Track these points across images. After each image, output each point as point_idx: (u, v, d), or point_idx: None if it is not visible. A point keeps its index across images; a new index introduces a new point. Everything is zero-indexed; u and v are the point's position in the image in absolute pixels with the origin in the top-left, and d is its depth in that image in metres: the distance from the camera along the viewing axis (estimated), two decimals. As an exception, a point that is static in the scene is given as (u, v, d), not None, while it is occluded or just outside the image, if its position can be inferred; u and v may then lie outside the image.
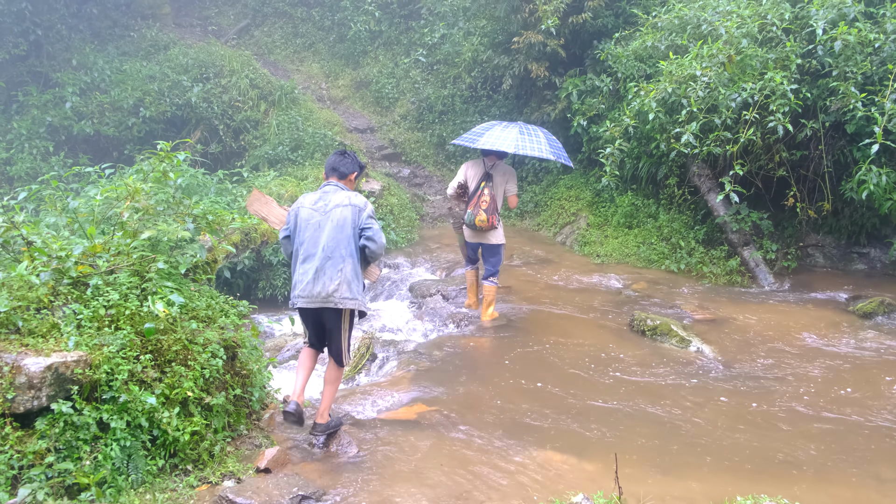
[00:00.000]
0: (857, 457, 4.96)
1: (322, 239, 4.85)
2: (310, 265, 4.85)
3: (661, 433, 5.32)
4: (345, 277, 4.83)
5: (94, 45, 15.34)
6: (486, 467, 4.70)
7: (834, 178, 8.93)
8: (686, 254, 9.68)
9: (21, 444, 3.78)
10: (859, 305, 7.88)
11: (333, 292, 4.82)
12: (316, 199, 5.01)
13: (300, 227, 4.96)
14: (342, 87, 16.77)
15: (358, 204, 4.95)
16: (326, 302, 4.84)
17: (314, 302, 4.86)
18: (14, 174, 12.79)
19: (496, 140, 7.42)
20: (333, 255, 4.83)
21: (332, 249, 4.83)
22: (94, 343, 4.24)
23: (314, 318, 5.05)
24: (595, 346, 7.10)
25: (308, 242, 4.89)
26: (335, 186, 5.08)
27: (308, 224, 4.92)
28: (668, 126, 9.28)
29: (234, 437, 4.88)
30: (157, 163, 5.95)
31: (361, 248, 4.95)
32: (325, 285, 4.81)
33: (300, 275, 4.89)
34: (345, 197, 4.96)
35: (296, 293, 4.91)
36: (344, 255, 4.85)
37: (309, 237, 4.90)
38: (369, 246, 4.91)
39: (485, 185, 7.49)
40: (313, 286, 4.83)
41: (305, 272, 4.86)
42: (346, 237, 4.86)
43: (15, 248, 5.01)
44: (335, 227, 4.86)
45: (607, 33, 11.69)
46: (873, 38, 8.07)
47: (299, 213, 5.00)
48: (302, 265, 4.90)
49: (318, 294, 4.83)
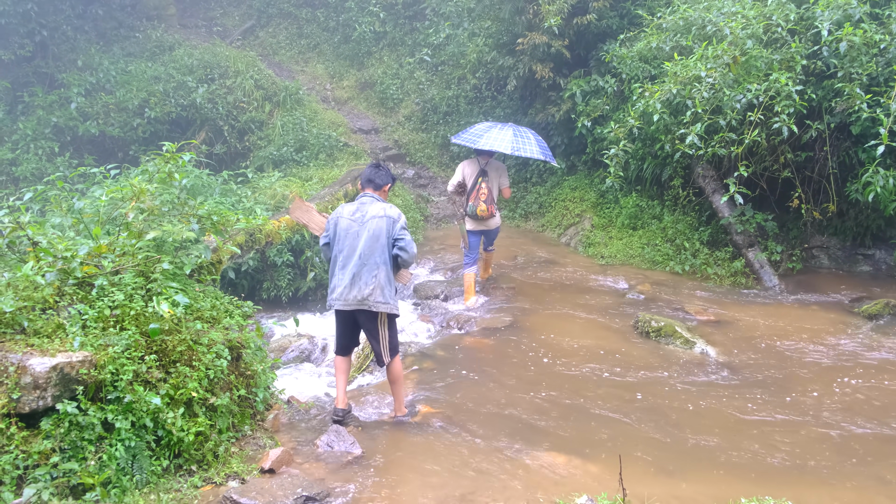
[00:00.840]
0: (862, 459, 4.95)
1: (358, 247, 5.26)
2: (347, 271, 5.25)
3: (665, 434, 5.32)
4: (378, 283, 5.23)
5: (100, 45, 15.38)
6: (490, 468, 4.70)
7: (839, 180, 8.91)
8: (691, 255, 9.67)
9: (26, 444, 3.79)
10: (864, 307, 7.86)
11: (368, 296, 5.22)
12: (354, 209, 5.41)
13: (339, 236, 5.36)
14: (347, 87, 16.78)
15: (392, 215, 5.36)
16: (361, 305, 5.24)
17: (350, 305, 5.27)
18: (20, 174, 12.83)
19: (494, 141, 8.26)
20: (368, 262, 5.23)
21: (367, 257, 5.23)
22: (99, 343, 4.25)
23: (350, 320, 5.45)
24: (599, 348, 7.09)
25: (346, 250, 5.30)
26: (371, 198, 5.48)
27: (347, 233, 5.32)
28: (673, 127, 9.27)
29: (238, 438, 4.89)
30: (162, 163, 5.96)
31: (394, 256, 5.35)
32: (361, 290, 5.21)
33: (338, 279, 5.31)
34: (380, 209, 5.36)
35: (333, 296, 5.33)
36: (378, 263, 5.24)
37: (347, 245, 5.30)
38: (402, 255, 5.33)
39: (481, 180, 8.42)
40: (349, 290, 5.24)
41: (343, 277, 5.27)
42: (380, 246, 5.27)
43: (20, 249, 5.02)
44: (371, 236, 5.26)
45: (612, 34, 11.68)
46: (879, 39, 8.06)
47: (338, 223, 5.39)
48: (340, 271, 5.31)
49: (353, 298, 5.23)
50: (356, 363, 7.02)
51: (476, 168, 8.52)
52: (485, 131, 8.47)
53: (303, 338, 7.79)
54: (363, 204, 5.44)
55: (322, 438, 4.96)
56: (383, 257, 5.28)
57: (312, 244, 10.53)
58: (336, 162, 13.27)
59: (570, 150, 12.50)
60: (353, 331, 5.57)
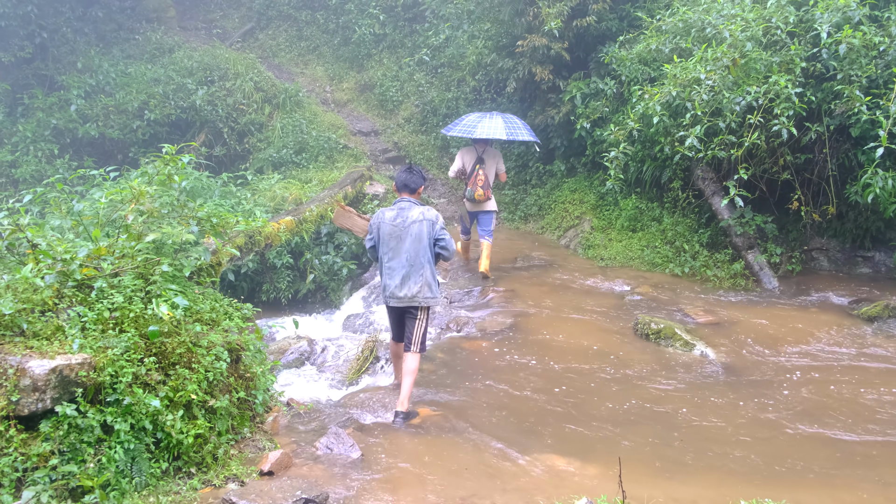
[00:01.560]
0: (862, 462, 4.94)
1: (403, 250, 5.79)
2: (397, 274, 5.81)
3: (664, 437, 5.31)
4: (426, 281, 5.82)
5: (100, 48, 15.39)
6: (489, 470, 4.70)
7: (839, 182, 8.91)
8: (690, 257, 9.67)
9: (25, 447, 3.78)
10: (864, 309, 7.86)
11: (417, 294, 5.80)
12: (394, 215, 5.88)
13: (383, 240, 5.88)
14: (346, 90, 16.79)
15: (431, 218, 5.86)
16: (412, 302, 5.83)
17: (402, 302, 5.85)
18: (19, 176, 12.83)
19: (490, 130, 8.99)
20: (415, 264, 5.77)
21: (413, 259, 5.77)
22: (98, 346, 4.24)
23: (400, 315, 6.03)
24: (599, 350, 7.09)
25: (392, 253, 5.83)
26: (409, 202, 5.94)
27: (391, 238, 5.84)
28: (673, 129, 9.27)
29: (237, 440, 4.89)
30: (162, 166, 5.97)
31: (436, 254, 5.92)
32: (411, 289, 5.78)
33: (388, 279, 5.87)
34: (419, 213, 5.85)
35: (386, 294, 5.92)
36: (423, 263, 5.79)
37: (392, 248, 5.83)
38: (443, 254, 5.93)
39: (479, 167, 9.23)
40: (400, 290, 5.80)
41: (393, 279, 5.83)
42: (423, 247, 5.80)
43: (20, 251, 5.03)
44: (414, 239, 5.78)
45: (611, 37, 11.68)
46: (878, 41, 8.06)
47: (381, 228, 5.90)
48: (389, 274, 5.86)
49: (404, 296, 5.80)
50: (355, 366, 7.05)
51: (474, 156, 9.32)
52: (477, 121, 9.16)
53: (302, 340, 7.78)
54: (402, 209, 5.88)
55: (321, 441, 4.96)
56: (427, 257, 5.81)
57: (312, 246, 10.54)
58: (336, 164, 13.28)
59: (570, 152, 12.50)
60: (404, 323, 6.03)
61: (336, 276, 10.53)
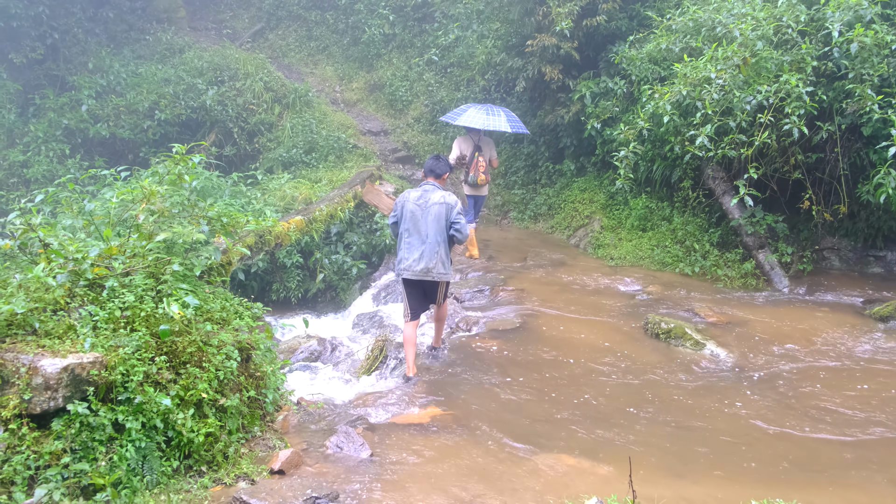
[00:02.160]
0: (874, 462, 4.91)
1: (423, 228, 6.39)
2: (415, 249, 6.39)
3: (675, 437, 5.30)
4: (440, 258, 6.40)
5: (110, 48, 15.47)
6: (498, 470, 4.69)
7: (850, 181, 8.86)
8: (700, 257, 9.63)
9: (37, 445, 3.81)
10: (876, 309, 7.82)
11: (432, 269, 6.38)
12: (418, 196, 6.48)
13: (405, 217, 6.46)
14: (356, 89, 16.81)
15: (450, 202, 6.43)
16: (426, 276, 6.40)
17: (417, 275, 6.41)
18: (31, 176, 12.92)
19: (473, 119, 9.99)
20: (432, 242, 6.36)
21: (431, 237, 6.36)
22: (109, 344, 4.27)
23: (417, 286, 6.57)
24: (609, 349, 7.07)
25: (412, 230, 6.42)
26: (433, 185, 6.55)
27: (412, 216, 6.42)
28: (683, 129, 9.24)
29: (248, 439, 4.90)
30: (173, 165, 5.99)
31: (450, 236, 6.43)
32: (427, 264, 6.36)
33: (406, 254, 6.43)
34: (441, 196, 6.43)
35: (402, 267, 6.46)
36: (439, 241, 6.38)
37: (412, 226, 6.42)
38: (456, 236, 6.44)
39: (478, 154, 10.06)
40: (417, 264, 6.38)
41: (411, 253, 6.40)
42: (440, 228, 6.38)
43: (32, 250, 5.06)
44: (433, 219, 6.37)
45: (621, 36, 11.66)
46: (890, 40, 8.01)
47: (405, 206, 6.48)
48: (408, 248, 6.43)
49: (421, 270, 6.39)
50: (364, 365, 7.06)
51: (471, 144, 10.15)
52: (475, 113, 10.10)
53: (312, 339, 7.80)
54: (426, 191, 6.48)
55: (331, 440, 4.97)
56: (442, 236, 6.40)
57: (322, 246, 10.56)
58: (345, 164, 13.30)
59: (580, 151, 12.48)
60: (420, 296, 6.63)
61: (346, 275, 10.55)
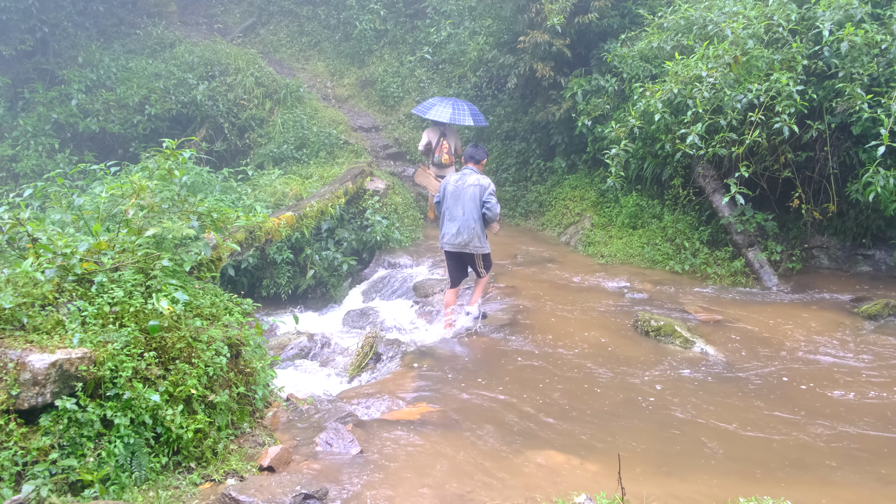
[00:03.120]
0: (862, 459, 4.94)
1: (460, 207, 7.45)
2: (453, 224, 7.49)
3: (664, 434, 5.32)
4: (476, 233, 7.45)
5: (100, 42, 15.38)
6: (489, 467, 4.70)
7: (839, 180, 8.90)
8: (690, 255, 9.67)
9: (25, 441, 3.79)
10: (864, 307, 7.86)
11: (469, 242, 7.47)
12: (458, 178, 7.58)
13: (447, 197, 7.58)
14: (347, 85, 16.77)
15: (484, 184, 7.45)
16: (464, 249, 7.52)
17: (456, 248, 7.54)
18: (20, 171, 12.84)
19: (440, 114, 11.51)
20: (468, 218, 7.41)
21: (467, 214, 7.41)
22: (98, 340, 4.24)
23: (456, 259, 7.72)
24: (598, 347, 7.09)
25: (451, 208, 7.52)
26: (471, 170, 7.61)
27: (452, 195, 7.52)
28: (674, 127, 9.26)
29: (237, 435, 4.89)
30: (163, 160, 5.96)
31: (483, 214, 7.42)
32: (463, 238, 7.46)
33: (447, 229, 7.57)
34: (476, 179, 7.49)
35: (444, 241, 7.61)
36: (475, 218, 7.43)
37: (452, 205, 7.52)
38: (487, 214, 7.44)
39: (443, 139, 11.65)
40: (456, 238, 7.49)
41: (451, 228, 7.51)
42: (475, 206, 7.41)
43: (20, 245, 5.02)
44: (469, 199, 7.42)
45: (613, 33, 11.68)
46: (880, 39, 8.05)
47: (447, 188, 7.60)
48: (448, 223, 7.56)
49: (458, 243, 7.50)
50: (355, 361, 7.06)
51: (438, 132, 11.73)
52: (442, 109, 11.61)
53: (302, 335, 7.78)
54: (464, 175, 7.56)
55: (321, 436, 4.96)
56: (477, 214, 7.41)
57: (312, 242, 10.54)
58: (336, 160, 13.28)
59: (571, 149, 12.50)
60: (459, 266, 7.77)
61: (336, 271, 10.54)
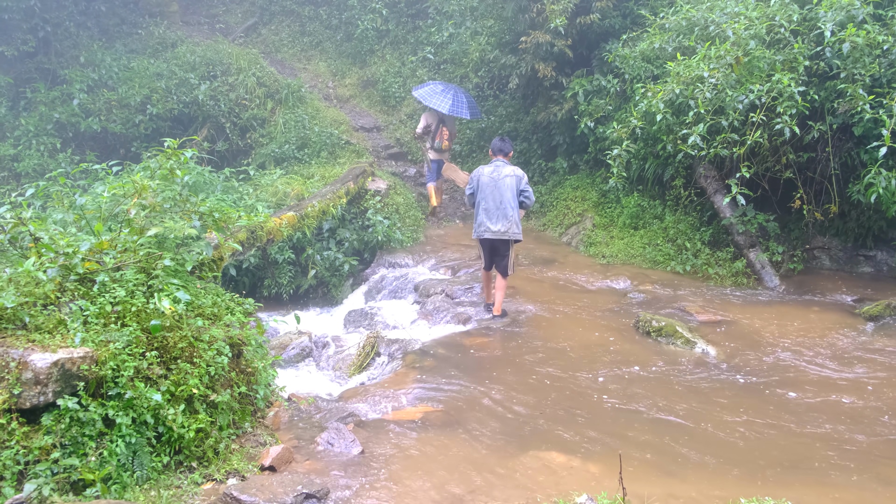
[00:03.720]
0: (862, 460, 4.94)
1: (498, 197, 7.77)
2: (491, 213, 7.80)
3: (665, 435, 5.32)
4: (514, 221, 7.81)
5: (102, 42, 15.40)
6: (490, 467, 4.70)
7: (841, 181, 8.90)
8: (692, 255, 9.67)
9: (27, 440, 3.79)
10: (866, 308, 7.86)
11: (507, 230, 7.79)
12: (492, 170, 7.90)
13: (481, 188, 7.88)
14: (349, 85, 16.77)
15: (519, 175, 7.89)
16: (502, 236, 7.80)
17: (495, 235, 7.81)
18: (21, 170, 12.85)
19: (441, 104, 11.60)
20: (505, 207, 7.77)
21: (504, 203, 7.77)
22: (100, 339, 4.25)
23: (491, 246, 7.95)
24: (600, 347, 7.09)
25: (488, 198, 7.82)
26: (502, 162, 7.98)
27: (487, 186, 7.84)
28: (676, 127, 9.26)
29: (238, 435, 4.89)
30: (164, 160, 5.97)
31: (521, 203, 7.84)
32: (502, 226, 7.77)
33: (483, 218, 7.85)
34: (511, 170, 7.88)
35: (481, 230, 7.88)
36: (513, 206, 7.80)
37: (488, 195, 7.82)
38: (525, 202, 7.90)
39: (442, 126, 12.03)
40: (493, 226, 7.79)
41: (488, 217, 7.82)
42: (512, 196, 7.79)
43: (22, 244, 5.03)
44: (506, 189, 7.77)
45: (615, 34, 11.67)
46: (882, 40, 8.04)
47: (481, 179, 7.91)
48: (485, 213, 7.85)
49: (496, 231, 7.79)
50: (356, 361, 7.07)
51: (436, 117, 12.02)
52: (443, 98, 11.67)
53: (304, 335, 7.78)
54: (497, 167, 7.90)
55: (322, 436, 4.97)
56: (514, 203, 7.79)
57: (314, 242, 10.55)
58: (338, 160, 13.28)
59: (572, 149, 12.49)
60: (492, 251, 7.98)
61: (338, 271, 10.54)
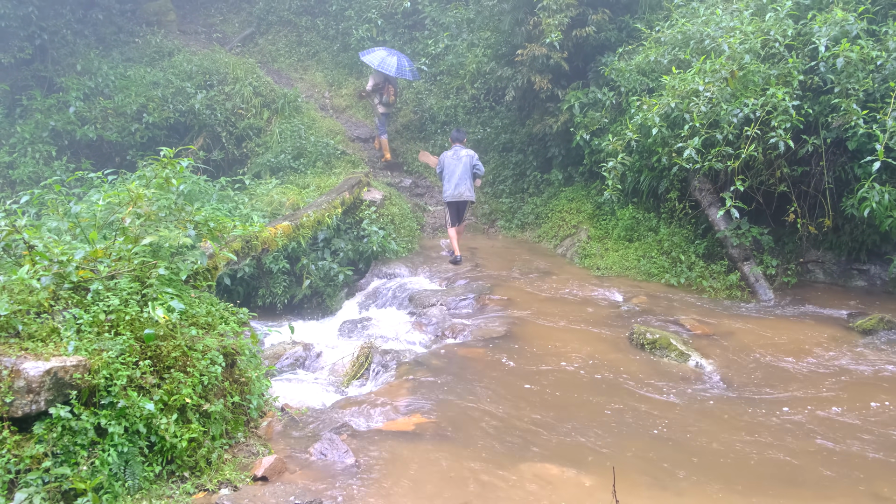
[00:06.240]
0: (856, 474, 4.94)
1: (458, 171, 10.77)
2: (453, 183, 10.78)
3: (659, 448, 5.31)
4: (468, 187, 10.82)
5: (99, 50, 15.41)
6: (483, 479, 4.69)
7: (835, 195, 8.94)
8: (686, 268, 9.69)
9: (18, 449, 3.77)
10: (859, 322, 7.88)
11: (464, 193, 10.82)
12: (452, 153, 10.90)
13: (447, 166, 10.89)
14: (345, 95, 16.80)
15: (472, 154, 10.90)
16: (461, 198, 10.86)
17: (456, 198, 10.85)
18: (16, 178, 12.83)
19: (388, 66, 13.41)
20: (464, 178, 10.78)
21: (463, 176, 10.78)
22: (93, 348, 4.24)
23: (456, 207, 11.00)
24: (594, 360, 7.09)
25: (452, 173, 10.82)
26: (461, 146, 10.96)
27: (451, 164, 10.85)
28: (671, 140, 9.31)
29: (231, 445, 4.87)
30: (160, 169, 5.97)
31: (473, 174, 10.86)
32: (462, 191, 10.80)
33: (449, 186, 10.83)
34: (466, 152, 10.89)
35: (447, 194, 10.87)
36: (469, 178, 10.82)
37: (452, 170, 10.82)
38: (478, 173, 10.94)
39: (388, 84, 13.97)
40: (455, 191, 10.79)
41: (452, 186, 10.80)
42: (469, 169, 10.80)
43: (16, 252, 5.02)
44: (464, 166, 10.79)
45: (611, 47, 11.74)
46: (875, 55, 8.11)
47: (445, 160, 10.91)
48: (449, 183, 10.83)
49: (458, 195, 10.83)
50: (350, 371, 7.07)
51: (382, 77, 13.80)
52: (389, 59, 13.46)
53: (298, 345, 7.77)
54: (456, 150, 10.87)
55: (315, 446, 4.95)
56: (469, 174, 10.80)
57: (308, 252, 10.54)
58: (333, 170, 13.28)
59: (568, 161, 12.53)
60: (457, 211, 11.00)
61: (332, 281, 10.53)
